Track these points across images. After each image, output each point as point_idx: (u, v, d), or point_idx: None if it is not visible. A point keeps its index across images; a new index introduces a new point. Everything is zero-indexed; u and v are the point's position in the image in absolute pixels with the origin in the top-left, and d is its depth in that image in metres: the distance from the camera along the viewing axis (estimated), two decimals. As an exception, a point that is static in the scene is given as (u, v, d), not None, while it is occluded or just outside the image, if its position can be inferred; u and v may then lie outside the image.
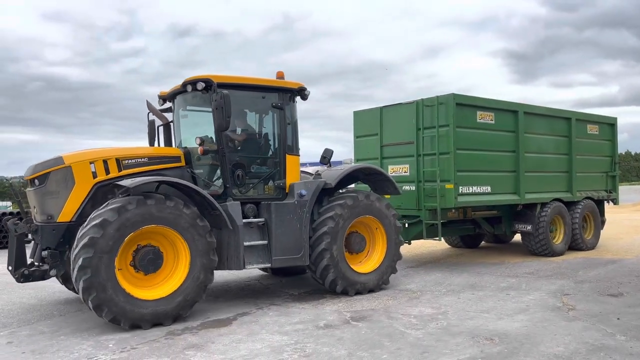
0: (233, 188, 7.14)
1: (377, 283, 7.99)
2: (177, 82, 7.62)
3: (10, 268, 6.71)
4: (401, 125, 10.17)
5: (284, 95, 7.63)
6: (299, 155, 7.83)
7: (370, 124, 10.75)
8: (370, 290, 7.89)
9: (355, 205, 7.77)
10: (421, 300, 7.28)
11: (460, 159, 9.46)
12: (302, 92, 7.82)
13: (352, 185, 9.25)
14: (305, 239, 7.36)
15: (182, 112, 8.07)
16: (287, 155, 7.59)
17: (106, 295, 5.79)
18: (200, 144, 6.96)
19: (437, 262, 10.82)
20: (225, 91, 6.67)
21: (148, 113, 8.36)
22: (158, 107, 8.37)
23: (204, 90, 6.99)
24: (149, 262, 6.20)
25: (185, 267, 6.33)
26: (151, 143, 8.44)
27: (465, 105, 9.63)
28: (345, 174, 7.94)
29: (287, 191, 7.56)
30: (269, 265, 7.16)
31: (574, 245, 11.56)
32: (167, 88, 8.02)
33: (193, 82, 7.04)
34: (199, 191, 6.58)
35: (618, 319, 6.01)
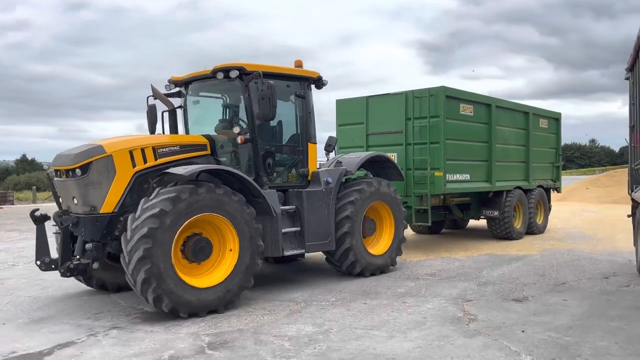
0: (264, 176, 7.44)
1: (387, 264, 8.72)
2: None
3: (38, 262, 6.52)
4: (389, 114, 10.90)
5: (304, 84, 8.03)
6: (316, 143, 8.29)
7: (355, 113, 11.37)
8: (382, 272, 8.60)
9: (370, 191, 8.40)
10: (303, 314, 6.37)
11: (448, 148, 10.42)
12: (319, 81, 8.25)
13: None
14: (332, 225, 7.87)
15: (196, 98, 8.19)
16: (308, 144, 8.03)
17: (166, 286, 5.90)
18: (239, 133, 7.18)
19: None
20: (271, 81, 6.92)
21: (148, 97, 8.30)
22: (164, 91, 8.36)
23: (237, 78, 7.19)
24: (200, 250, 6.37)
25: (234, 253, 6.56)
26: (152, 129, 8.40)
27: (452, 97, 10.58)
28: (363, 162, 8.55)
29: (309, 179, 8.01)
30: (303, 251, 7.58)
31: (528, 229, 13.07)
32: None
33: (225, 70, 7.16)
34: (246, 179, 6.81)
35: (523, 331, 5.57)
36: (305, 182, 7.97)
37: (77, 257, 6.46)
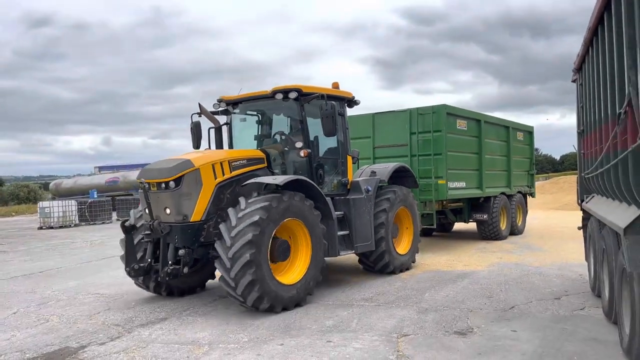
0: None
1: (410, 261, 10.39)
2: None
3: (127, 269, 7.59)
4: (394, 129, 12.65)
5: (342, 103, 9.59)
6: (351, 156, 9.87)
7: (362, 128, 13.04)
8: (407, 269, 10.24)
9: (398, 198, 10.04)
10: (202, 362, 5.43)
11: (449, 159, 12.27)
12: (353, 100, 9.82)
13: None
14: (372, 228, 9.42)
15: (243, 116, 9.61)
16: (347, 156, 9.60)
17: (267, 286, 7.09)
18: (301, 147, 8.62)
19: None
20: (333, 102, 8.44)
21: (192, 114, 9.61)
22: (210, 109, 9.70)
23: (295, 99, 8.64)
24: (283, 251, 7.66)
25: (307, 252, 7.91)
26: (196, 144, 9.70)
27: (451, 114, 12.48)
28: (393, 171, 10.25)
29: (348, 187, 9.56)
30: (353, 252, 9.07)
31: (511, 230, 15.15)
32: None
33: (285, 91, 8.54)
34: (316, 187, 8.23)
35: None
36: (345, 190, 9.51)
37: (170, 262, 7.52)
